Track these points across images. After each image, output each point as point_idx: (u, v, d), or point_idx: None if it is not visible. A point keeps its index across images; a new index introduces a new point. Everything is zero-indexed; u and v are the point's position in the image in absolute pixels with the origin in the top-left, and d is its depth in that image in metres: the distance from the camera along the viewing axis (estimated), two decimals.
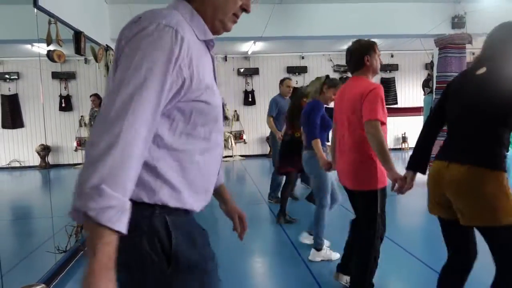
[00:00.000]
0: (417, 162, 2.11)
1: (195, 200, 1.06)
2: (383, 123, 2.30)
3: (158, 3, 1.35)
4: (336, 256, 3.30)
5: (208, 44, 1.08)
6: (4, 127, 8.54)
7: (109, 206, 0.79)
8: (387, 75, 10.69)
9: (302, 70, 10.33)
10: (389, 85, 10.62)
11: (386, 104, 2.46)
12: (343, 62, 10.90)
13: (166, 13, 0.97)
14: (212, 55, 1.13)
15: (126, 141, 0.83)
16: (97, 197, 0.79)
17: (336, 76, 10.33)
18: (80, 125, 8.32)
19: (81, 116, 8.27)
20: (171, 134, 0.99)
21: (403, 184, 2.12)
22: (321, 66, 10.41)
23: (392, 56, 10.51)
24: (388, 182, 2.41)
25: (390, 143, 10.41)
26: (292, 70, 10.30)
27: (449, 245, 2.05)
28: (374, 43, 2.50)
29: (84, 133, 8.05)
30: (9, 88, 8.90)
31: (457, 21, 6.56)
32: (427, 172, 2.08)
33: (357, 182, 2.50)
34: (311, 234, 3.62)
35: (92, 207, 0.78)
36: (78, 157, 8.69)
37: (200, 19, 1.06)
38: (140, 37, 0.91)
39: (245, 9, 1.12)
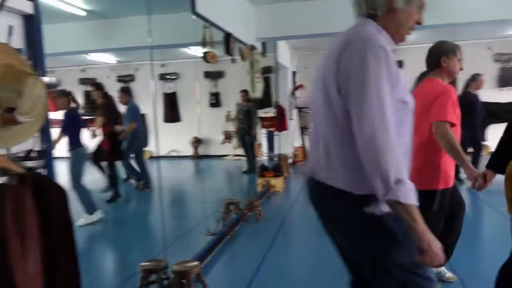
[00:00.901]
0: (498, 162, 2.08)
1: None
2: (454, 125, 2.33)
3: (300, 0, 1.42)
4: None
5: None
6: (165, 121, 9.82)
7: (409, 190, 1.16)
8: None
9: None
10: None
11: None
12: (506, 50, 9.56)
13: (370, 33, 1.25)
14: None
15: (391, 143, 1.15)
16: (401, 186, 1.14)
17: (496, 67, 9.07)
18: (227, 120, 9.03)
19: (228, 112, 8.97)
20: None
21: (482, 183, 2.17)
22: (478, 55, 9.19)
23: None
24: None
25: None
26: None
27: None
28: (456, 46, 2.50)
29: (230, 127, 8.71)
30: (170, 87, 10.19)
31: None
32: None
33: (418, 181, 2.47)
34: None
35: (401, 195, 1.14)
36: (224, 149, 9.49)
37: (386, 33, 1.32)
38: (363, 62, 1.18)
39: (419, 22, 1.38)
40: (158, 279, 2.65)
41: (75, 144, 4.61)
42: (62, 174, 4.18)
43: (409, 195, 1.15)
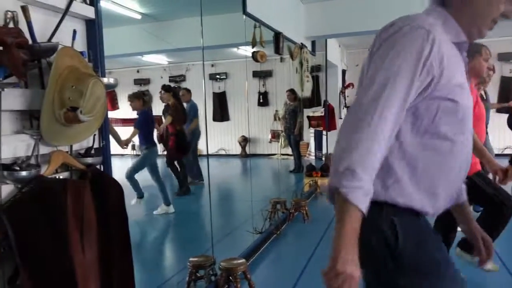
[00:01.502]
0: None
1: (426, 202, 1.05)
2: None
3: None
4: None
5: (461, 47, 1.09)
6: (214, 120, 10.01)
7: (358, 187, 0.89)
8: None
9: None
10: None
11: None
12: None
13: (419, 16, 1.04)
14: (464, 58, 1.11)
15: (376, 131, 0.92)
16: (350, 177, 0.89)
17: None
18: (274, 119, 9.04)
19: (276, 111, 8.97)
20: (414, 131, 1.02)
21: (504, 176, 2.23)
22: None
23: None
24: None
25: None
26: (503, 57, 8.79)
27: None
28: (482, 46, 2.51)
29: (278, 126, 8.71)
30: (219, 87, 10.37)
31: None
32: None
33: None
34: None
35: (345, 185, 0.89)
36: (272, 148, 9.51)
37: (454, 22, 1.07)
38: (395, 37, 0.98)
39: (506, 15, 1.08)
40: (206, 274, 2.71)
41: (149, 142, 4.99)
42: (118, 171, 4.40)
43: (356, 193, 0.89)
